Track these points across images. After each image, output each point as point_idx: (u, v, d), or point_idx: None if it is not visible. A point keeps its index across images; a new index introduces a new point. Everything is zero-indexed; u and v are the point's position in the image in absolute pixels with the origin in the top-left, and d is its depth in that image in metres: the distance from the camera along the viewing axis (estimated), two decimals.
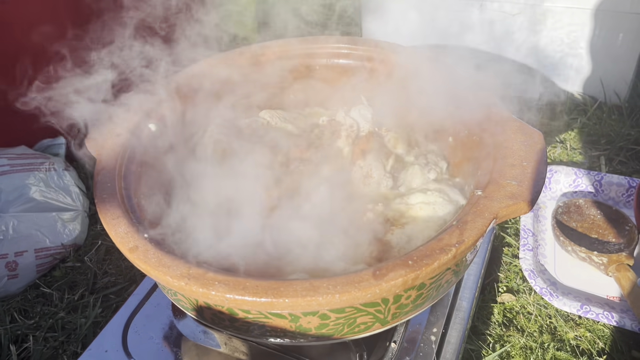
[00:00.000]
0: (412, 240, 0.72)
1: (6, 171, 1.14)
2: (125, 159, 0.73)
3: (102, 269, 1.15)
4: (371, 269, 0.55)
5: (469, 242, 0.57)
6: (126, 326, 0.83)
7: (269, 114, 0.95)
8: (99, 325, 1.02)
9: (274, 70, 0.96)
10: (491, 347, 0.95)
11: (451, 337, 0.83)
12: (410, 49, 0.91)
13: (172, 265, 0.56)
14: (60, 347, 0.99)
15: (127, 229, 0.61)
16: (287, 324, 0.60)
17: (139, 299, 0.87)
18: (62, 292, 1.10)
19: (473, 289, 0.91)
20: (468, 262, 0.71)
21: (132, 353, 0.79)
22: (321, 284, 0.53)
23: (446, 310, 0.86)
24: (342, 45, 0.93)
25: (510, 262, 1.11)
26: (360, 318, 0.60)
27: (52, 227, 1.14)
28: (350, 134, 0.91)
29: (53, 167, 1.21)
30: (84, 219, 1.22)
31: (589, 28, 1.43)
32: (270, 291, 0.53)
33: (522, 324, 0.99)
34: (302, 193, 0.80)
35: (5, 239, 1.08)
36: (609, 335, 0.95)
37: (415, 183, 0.80)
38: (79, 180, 1.27)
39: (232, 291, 0.53)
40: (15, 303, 1.08)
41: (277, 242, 0.73)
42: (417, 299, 0.62)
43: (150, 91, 0.83)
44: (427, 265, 0.55)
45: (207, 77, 0.90)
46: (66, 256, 1.17)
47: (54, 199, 1.17)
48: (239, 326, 0.62)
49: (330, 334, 0.61)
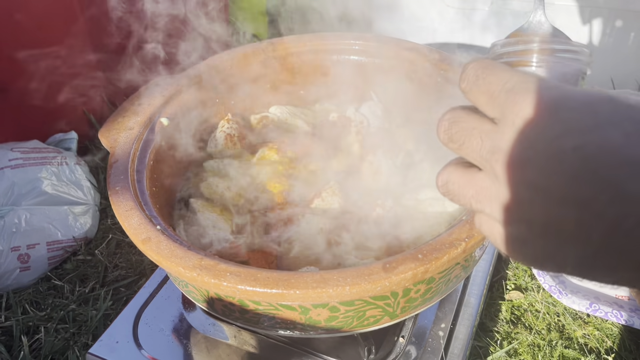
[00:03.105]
0: (421, 236, 0.72)
1: (19, 165, 1.16)
2: (138, 152, 0.74)
3: (112, 262, 1.16)
4: (381, 262, 0.55)
5: (479, 237, 0.58)
6: (137, 318, 0.84)
7: (279, 109, 0.95)
8: (110, 317, 1.03)
9: (284, 66, 0.97)
10: (499, 344, 0.95)
11: (459, 333, 0.83)
12: (420, 47, 0.91)
13: (184, 257, 0.57)
14: (71, 338, 1.00)
15: (140, 221, 0.62)
16: (297, 316, 0.60)
17: (150, 291, 0.88)
18: (74, 285, 1.11)
19: (481, 286, 0.92)
20: (477, 258, 0.71)
21: (142, 344, 0.80)
22: (331, 276, 0.54)
23: (454, 306, 0.86)
24: (354, 41, 0.94)
25: None
26: (369, 311, 0.60)
27: (63, 220, 1.16)
28: (360, 130, 0.91)
29: (65, 161, 1.23)
30: (94, 213, 1.23)
31: (599, 27, 1.42)
32: (281, 283, 0.53)
33: (530, 321, 0.99)
34: (311, 188, 0.81)
35: (17, 232, 1.09)
36: (617, 334, 0.95)
37: (425, 179, 0.81)
38: (90, 174, 1.28)
39: (244, 282, 0.54)
40: (27, 295, 1.10)
41: (286, 236, 0.74)
42: (426, 293, 0.62)
43: (162, 85, 0.84)
44: (437, 259, 0.55)
45: (218, 73, 0.91)
46: (77, 249, 1.19)
47: (66, 192, 1.18)
48: (249, 318, 0.63)
49: (340, 327, 0.62)
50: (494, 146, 0.34)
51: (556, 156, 0.30)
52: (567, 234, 0.31)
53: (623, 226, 0.29)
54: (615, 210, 0.29)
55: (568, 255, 0.31)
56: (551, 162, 0.30)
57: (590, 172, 0.29)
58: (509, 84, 0.33)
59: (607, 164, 0.29)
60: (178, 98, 0.85)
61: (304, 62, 0.97)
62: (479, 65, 0.36)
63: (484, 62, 0.36)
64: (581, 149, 0.29)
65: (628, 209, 0.28)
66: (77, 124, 1.41)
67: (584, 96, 0.32)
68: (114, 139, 0.75)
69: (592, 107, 0.31)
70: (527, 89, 0.33)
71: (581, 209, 0.29)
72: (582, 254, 0.31)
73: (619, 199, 0.28)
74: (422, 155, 0.86)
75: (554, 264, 0.33)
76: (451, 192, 0.38)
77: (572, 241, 0.31)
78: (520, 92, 0.33)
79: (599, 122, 0.30)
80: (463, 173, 0.37)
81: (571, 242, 0.31)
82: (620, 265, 0.30)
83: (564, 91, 0.32)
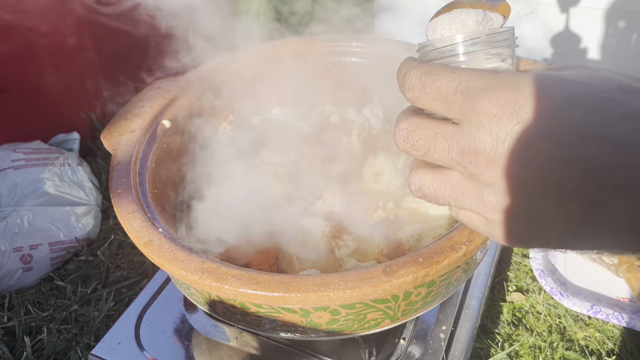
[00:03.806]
0: (422, 239, 0.72)
1: (22, 165, 1.16)
2: (140, 155, 0.74)
3: (114, 263, 1.17)
4: (382, 265, 0.55)
5: (479, 240, 0.58)
6: (139, 319, 0.84)
7: (281, 111, 0.95)
8: (112, 318, 1.04)
9: (285, 67, 0.97)
10: (500, 346, 0.95)
11: (460, 335, 0.83)
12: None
13: (186, 259, 0.57)
14: (73, 339, 1.01)
15: (142, 224, 0.62)
16: (298, 318, 0.60)
17: (151, 292, 0.88)
18: (76, 285, 1.12)
19: (482, 288, 0.92)
20: (478, 261, 0.71)
21: (144, 345, 0.80)
22: (332, 279, 0.54)
23: (455, 308, 0.86)
24: (356, 43, 0.94)
25: (520, 262, 1.11)
26: (370, 314, 0.61)
27: (66, 221, 1.16)
28: (362, 132, 0.91)
29: (67, 162, 1.23)
30: (97, 214, 1.23)
31: (601, 28, 1.42)
32: (282, 286, 0.54)
33: (532, 323, 0.99)
34: (313, 190, 0.81)
35: (20, 232, 1.10)
36: (618, 336, 0.95)
37: None
38: (92, 175, 1.29)
39: (245, 285, 0.54)
40: (29, 295, 1.10)
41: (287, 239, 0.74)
42: (427, 296, 0.63)
43: (164, 87, 0.84)
44: (438, 262, 0.55)
45: (220, 74, 0.91)
46: (79, 250, 1.19)
47: (68, 193, 1.19)
48: (250, 320, 0.63)
49: (341, 330, 0.62)
50: (462, 148, 0.35)
51: (526, 146, 0.32)
52: (548, 216, 0.32)
53: (598, 198, 0.30)
54: (589, 184, 0.30)
55: (551, 234, 0.33)
56: (523, 152, 0.32)
57: (560, 155, 0.31)
58: (461, 85, 0.34)
59: (575, 145, 0.30)
60: (180, 100, 0.85)
61: (305, 63, 0.97)
62: (421, 72, 0.37)
63: (424, 68, 0.37)
64: (549, 135, 0.31)
65: (599, 181, 0.30)
66: (80, 124, 1.42)
67: (537, 81, 0.33)
68: (116, 142, 0.75)
69: (549, 91, 0.32)
70: (480, 86, 0.34)
71: (557, 189, 0.31)
72: (564, 230, 0.32)
73: (589, 174, 0.30)
74: None
75: (539, 242, 0.34)
76: (427, 195, 0.39)
77: (554, 221, 0.32)
78: (477, 91, 0.34)
79: (559, 105, 0.31)
80: (435, 175, 0.38)
81: (553, 222, 0.32)
82: (599, 233, 0.32)
83: (516, 81, 0.33)
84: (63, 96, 1.36)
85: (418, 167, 0.40)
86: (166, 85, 0.85)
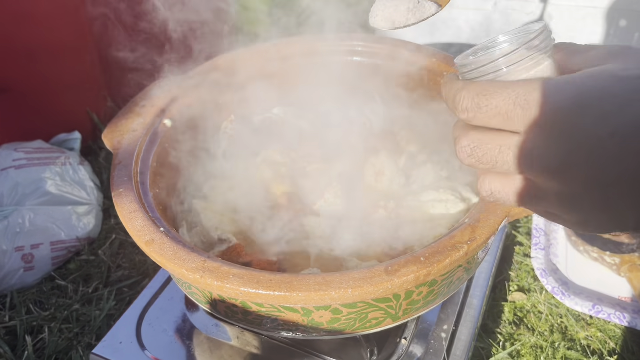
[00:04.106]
0: (423, 238, 0.72)
1: (23, 165, 1.16)
2: (142, 154, 0.74)
3: (115, 262, 1.17)
4: (383, 264, 0.55)
5: (481, 239, 0.58)
6: (140, 318, 0.84)
7: (282, 110, 0.95)
8: (113, 317, 1.04)
9: (287, 67, 0.97)
10: (501, 346, 0.95)
11: (461, 335, 0.83)
12: (423, 47, 0.91)
13: (187, 258, 0.57)
14: (74, 338, 1.01)
15: (143, 223, 0.62)
16: (300, 317, 0.60)
17: (153, 292, 0.88)
18: (77, 285, 1.12)
19: (484, 287, 0.92)
20: (479, 260, 0.71)
21: (145, 345, 0.80)
22: (334, 278, 0.54)
23: (457, 307, 0.86)
24: (357, 42, 0.94)
25: (522, 261, 1.11)
26: (371, 313, 0.61)
27: (67, 220, 1.16)
28: (363, 132, 0.91)
29: (68, 161, 1.23)
30: (98, 213, 1.23)
31: (603, 27, 1.42)
32: (284, 285, 0.54)
33: (533, 322, 0.99)
34: (314, 189, 0.81)
35: (21, 232, 1.10)
36: (620, 336, 0.95)
37: (428, 181, 0.81)
38: (93, 174, 1.29)
39: (246, 284, 0.54)
40: (30, 294, 1.10)
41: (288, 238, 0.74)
42: (428, 295, 0.63)
43: (165, 86, 0.84)
44: (439, 261, 0.55)
45: (221, 74, 0.91)
46: (80, 249, 1.19)
47: (69, 192, 1.19)
48: (252, 319, 0.63)
49: (342, 329, 0.62)
50: (531, 155, 0.36)
51: (597, 147, 0.33)
52: (619, 207, 0.34)
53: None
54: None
55: (629, 221, 0.35)
56: (594, 154, 0.33)
57: (632, 151, 0.32)
58: (519, 99, 0.35)
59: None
60: (181, 99, 0.85)
61: (307, 63, 0.97)
62: (472, 93, 0.38)
63: (474, 89, 0.38)
64: (617, 133, 0.32)
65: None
66: (81, 124, 1.42)
67: (594, 82, 0.34)
68: (118, 141, 0.75)
69: (609, 91, 0.33)
70: (540, 97, 0.35)
71: (631, 185, 0.33)
72: (633, 220, 0.35)
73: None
74: (424, 157, 0.86)
75: (617, 228, 0.36)
76: (500, 199, 0.41)
77: (622, 211, 0.34)
78: (537, 103, 0.35)
79: (621, 103, 0.33)
80: (504, 181, 0.40)
81: (621, 211, 0.34)
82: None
83: (572, 84, 0.35)
84: (64, 95, 1.36)
85: (485, 174, 0.41)
86: (167, 84, 0.85)
